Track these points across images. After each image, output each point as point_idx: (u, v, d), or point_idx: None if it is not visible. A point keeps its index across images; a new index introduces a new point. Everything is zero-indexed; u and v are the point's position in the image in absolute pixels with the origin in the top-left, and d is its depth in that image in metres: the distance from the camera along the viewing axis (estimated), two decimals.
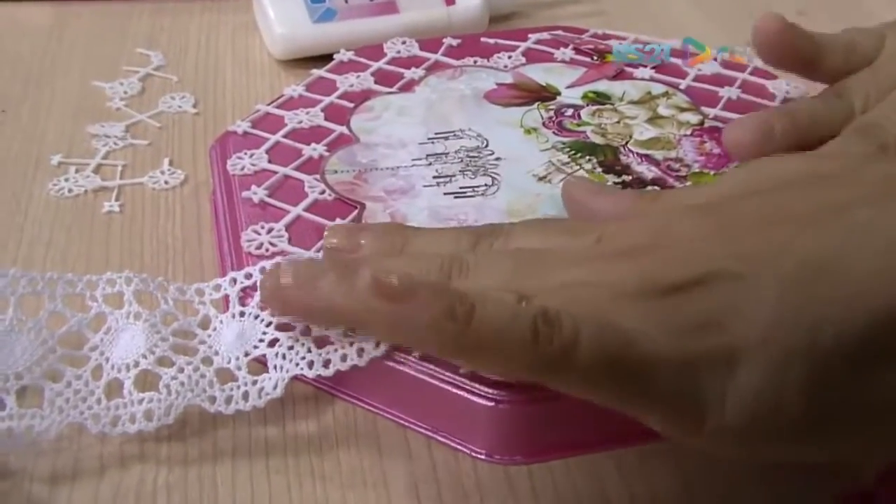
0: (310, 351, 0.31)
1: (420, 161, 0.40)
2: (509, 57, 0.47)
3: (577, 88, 0.45)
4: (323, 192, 0.38)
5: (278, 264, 0.31)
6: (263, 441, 0.32)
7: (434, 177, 0.39)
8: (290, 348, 0.31)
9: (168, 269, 0.38)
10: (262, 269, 0.33)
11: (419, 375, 0.30)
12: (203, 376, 0.31)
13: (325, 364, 0.31)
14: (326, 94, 0.44)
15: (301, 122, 0.42)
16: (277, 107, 0.43)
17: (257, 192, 0.37)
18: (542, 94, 0.44)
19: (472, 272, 0.29)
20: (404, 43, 0.48)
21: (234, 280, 0.34)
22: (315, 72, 0.46)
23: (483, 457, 0.30)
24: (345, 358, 0.31)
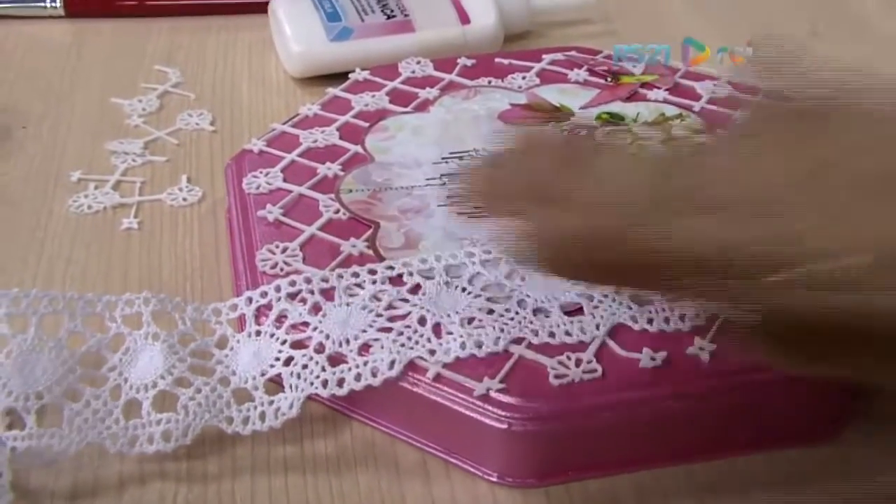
0: (324, 370, 0.31)
1: (434, 180, 0.40)
2: (523, 77, 0.47)
3: (590, 110, 0.45)
4: (337, 212, 0.38)
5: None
6: (282, 459, 0.32)
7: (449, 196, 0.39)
8: (305, 367, 0.32)
9: (186, 285, 0.39)
10: (278, 288, 0.34)
11: (432, 397, 0.31)
12: (220, 397, 0.31)
13: (339, 383, 0.31)
14: (341, 114, 0.44)
15: (316, 141, 0.42)
16: (293, 126, 0.43)
17: (272, 211, 0.38)
18: (556, 115, 0.45)
19: None
20: (419, 63, 0.48)
21: (250, 299, 0.34)
22: (330, 90, 0.46)
23: (495, 479, 0.31)
24: (359, 378, 0.31)
